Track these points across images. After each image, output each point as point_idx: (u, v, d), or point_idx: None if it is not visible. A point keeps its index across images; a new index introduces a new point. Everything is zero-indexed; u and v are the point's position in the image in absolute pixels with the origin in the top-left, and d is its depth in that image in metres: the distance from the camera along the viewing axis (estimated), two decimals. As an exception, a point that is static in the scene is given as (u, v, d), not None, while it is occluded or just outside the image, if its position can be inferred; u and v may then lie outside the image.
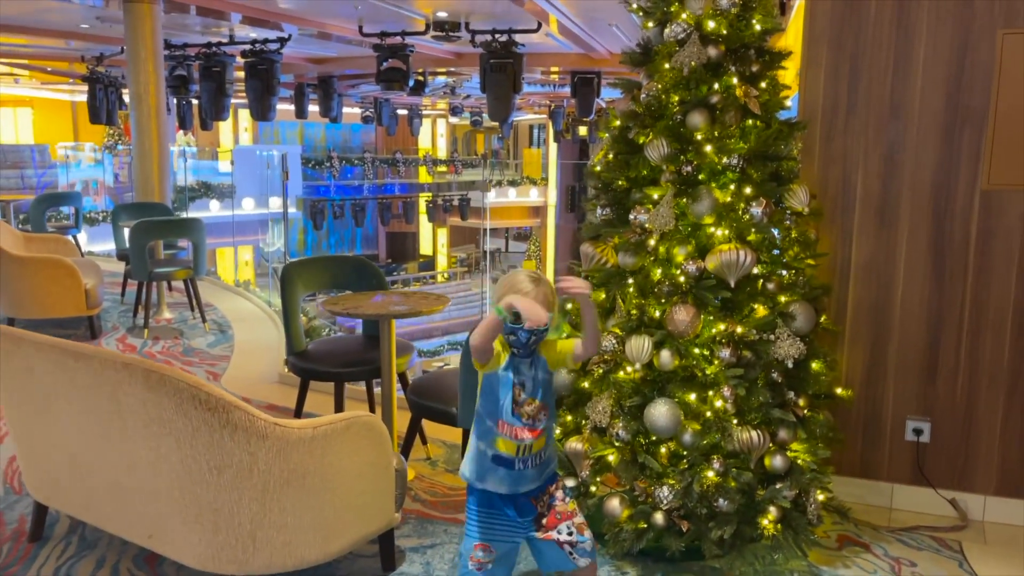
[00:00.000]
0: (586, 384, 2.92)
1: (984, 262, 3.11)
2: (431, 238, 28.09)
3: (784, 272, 2.87)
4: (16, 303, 5.64)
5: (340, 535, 2.50)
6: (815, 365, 2.90)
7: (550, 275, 2.74)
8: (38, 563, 2.78)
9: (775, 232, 2.86)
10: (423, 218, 26.14)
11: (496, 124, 22.06)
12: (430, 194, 25.56)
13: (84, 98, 14.86)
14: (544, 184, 26.31)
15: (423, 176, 26.07)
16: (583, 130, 19.66)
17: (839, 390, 3.05)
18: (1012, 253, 3.07)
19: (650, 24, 2.90)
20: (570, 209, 25.85)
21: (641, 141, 2.86)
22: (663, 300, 2.78)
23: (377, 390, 4.03)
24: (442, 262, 27.70)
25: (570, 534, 2.26)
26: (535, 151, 29.00)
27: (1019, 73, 3.00)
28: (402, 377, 3.82)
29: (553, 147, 24.56)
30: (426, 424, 3.66)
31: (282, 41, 10.02)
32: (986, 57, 3.03)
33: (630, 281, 2.86)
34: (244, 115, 22.59)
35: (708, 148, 2.76)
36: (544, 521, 2.25)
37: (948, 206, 3.13)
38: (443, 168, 26.87)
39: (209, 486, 2.29)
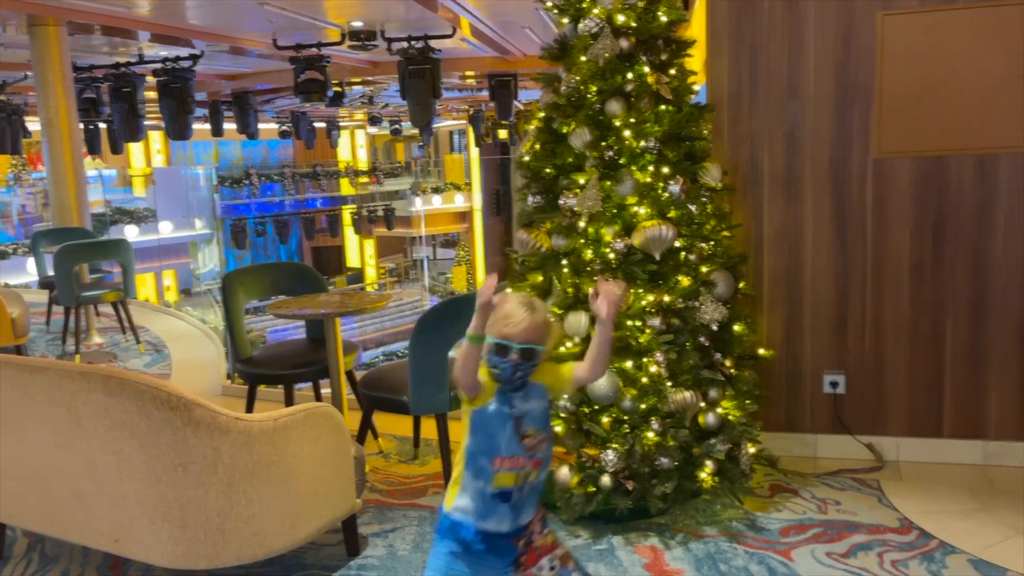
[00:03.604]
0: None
1: (880, 225, 3.41)
2: (358, 250, 27.89)
3: (703, 244, 3.10)
4: (-62, 337, 5.47)
5: (306, 522, 2.60)
6: (738, 327, 3.14)
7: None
8: (-1, 583, 2.79)
9: (693, 208, 3.09)
10: (348, 230, 25.96)
11: (416, 132, 22.10)
12: (354, 206, 25.41)
13: (-16, 128, 14.25)
14: (468, 189, 26.47)
15: (345, 188, 25.89)
16: (503, 133, 19.88)
17: (761, 351, 3.31)
18: (904, 214, 3.39)
19: (565, 20, 3.10)
20: (496, 212, 26.07)
21: (564, 131, 3.05)
22: (596, 277, 2.97)
23: (325, 391, 4.11)
24: (371, 274, 27.55)
25: (552, 569, 2.08)
26: (457, 157, 29.16)
27: (899, 50, 3.31)
28: (349, 376, 3.92)
29: (475, 152, 24.75)
30: (376, 420, 3.78)
31: (194, 58, 9.90)
32: (869, 38, 3.34)
33: (564, 262, 3.04)
34: (156, 136, 22.02)
35: (627, 133, 2.97)
36: (523, 560, 2.06)
37: (845, 176, 3.43)
38: (365, 179, 26.73)
39: (175, 484, 2.36)
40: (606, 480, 2.91)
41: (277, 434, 2.47)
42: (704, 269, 3.06)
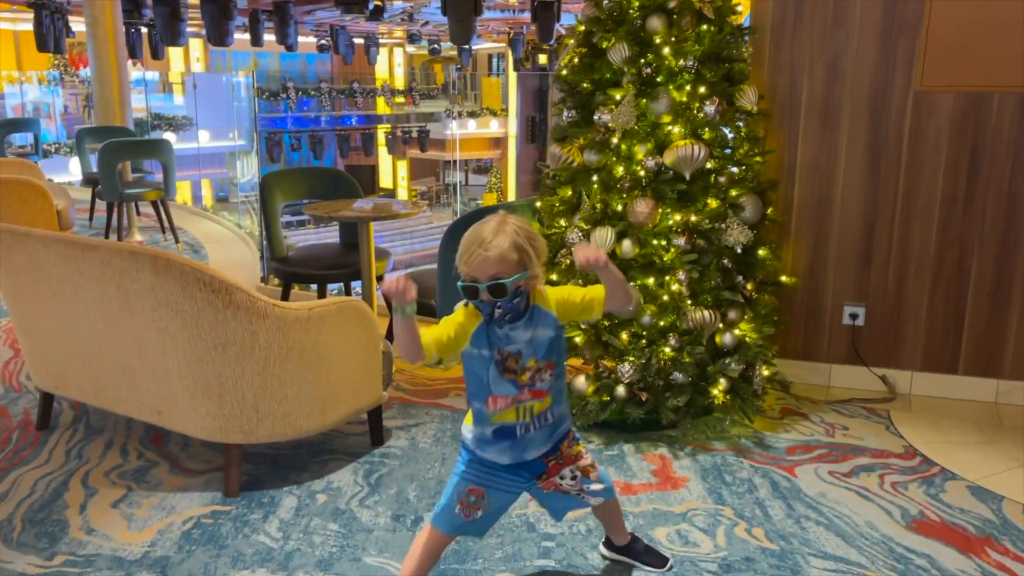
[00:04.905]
0: (555, 276, 3.18)
1: (915, 159, 3.40)
2: (391, 171, 27.92)
3: (735, 168, 3.12)
4: (-13, 225, 5.68)
5: (335, 408, 2.76)
6: (762, 252, 3.19)
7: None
8: (48, 447, 2.99)
9: (727, 131, 3.11)
10: (382, 150, 25.95)
11: (455, 54, 21.81)
12: (389, 126, 25.33)
13: (27, 27, 14.38)
14: (504, 115, 26.18)
15: (381, 107, 25.75)
16: (543, 58, 19.54)
17: (784, 278, 3.36)
18: (940, 150, 3.37)
19: (611, -67, 3.07)
20: (531, 140, 25.86)
21: (604, 45, 3.06)
22: (624, 194, 3.02)
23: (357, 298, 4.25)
24: (402, 195, 27.61)
25: (573, 478, 2.03)
26: (494, 80, 28.76)
27: (951, -18, 3.24)
28: (380, 281, 4.04)
29: (513, 76, 24.38)
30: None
31: (237, -37, 9.84)
32: (921, -34, 3.26)
33: (594, 178, 3.10)
34: (195, 45, 21.99)
35: (666, 51, 2.97)
36: (547, 467, 2.03)
37: (884, 108, 3.40)
38: (401, 99, 26.55)
39: (214, 363, 2.51)
40: (621, 390, 3.02)
41: (311, 323, 2.60)
42: (733, 192, 3.09)
